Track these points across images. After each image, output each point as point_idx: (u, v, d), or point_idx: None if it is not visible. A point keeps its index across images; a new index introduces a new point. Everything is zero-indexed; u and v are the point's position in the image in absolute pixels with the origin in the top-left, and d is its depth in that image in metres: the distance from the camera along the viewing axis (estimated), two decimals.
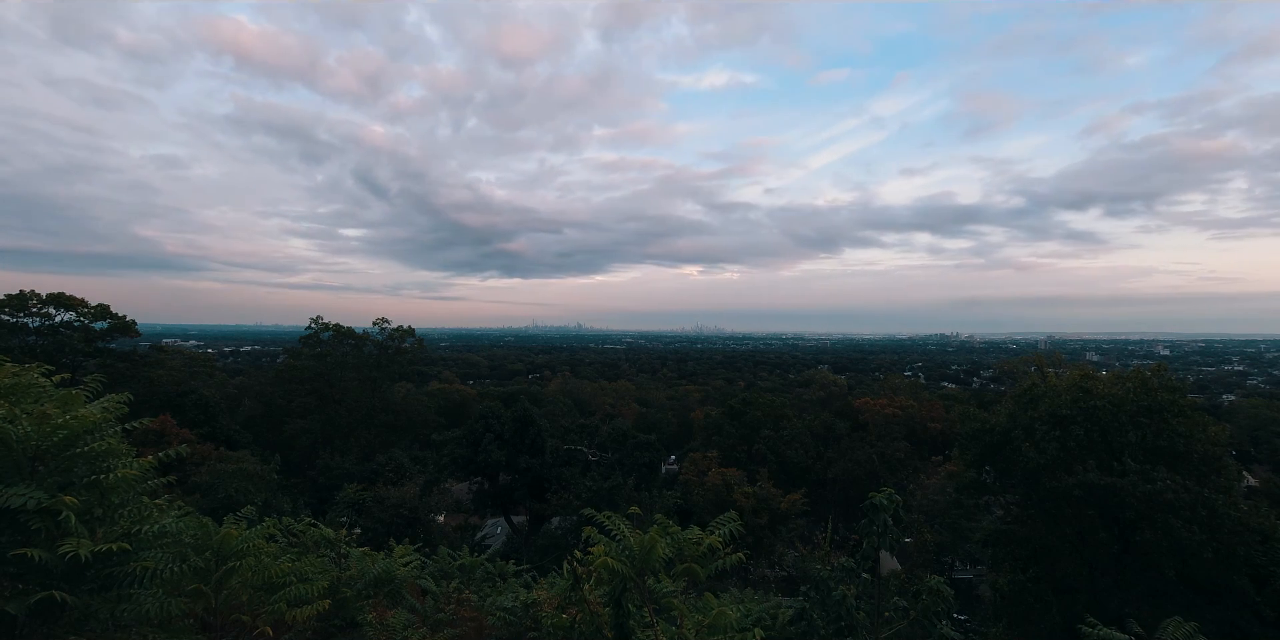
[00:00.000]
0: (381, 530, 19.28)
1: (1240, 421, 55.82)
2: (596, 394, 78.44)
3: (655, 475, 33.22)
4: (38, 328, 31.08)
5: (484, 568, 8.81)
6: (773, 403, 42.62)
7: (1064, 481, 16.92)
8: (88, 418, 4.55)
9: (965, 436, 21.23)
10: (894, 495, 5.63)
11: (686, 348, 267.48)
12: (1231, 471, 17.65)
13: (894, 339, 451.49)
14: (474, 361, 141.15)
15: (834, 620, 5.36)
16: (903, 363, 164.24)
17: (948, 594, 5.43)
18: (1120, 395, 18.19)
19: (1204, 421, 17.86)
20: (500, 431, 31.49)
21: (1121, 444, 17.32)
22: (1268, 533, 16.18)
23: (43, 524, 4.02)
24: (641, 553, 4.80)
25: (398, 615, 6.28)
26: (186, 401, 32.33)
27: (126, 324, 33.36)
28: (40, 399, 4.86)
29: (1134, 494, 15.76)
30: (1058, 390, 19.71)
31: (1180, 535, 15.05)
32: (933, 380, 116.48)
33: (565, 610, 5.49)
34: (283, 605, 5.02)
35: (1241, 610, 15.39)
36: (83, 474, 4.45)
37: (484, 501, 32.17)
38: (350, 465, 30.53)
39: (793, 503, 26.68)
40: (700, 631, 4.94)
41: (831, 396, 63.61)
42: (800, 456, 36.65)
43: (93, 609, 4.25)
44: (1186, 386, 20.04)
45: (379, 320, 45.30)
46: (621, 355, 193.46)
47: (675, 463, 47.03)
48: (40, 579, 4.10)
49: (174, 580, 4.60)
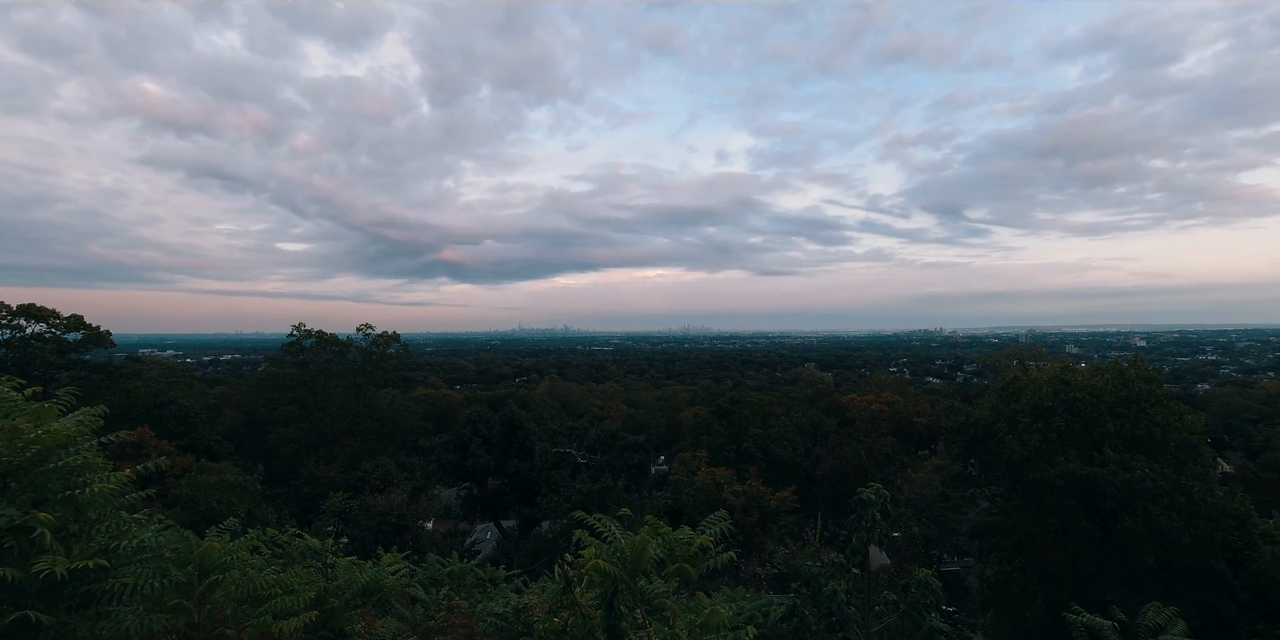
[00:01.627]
0: (369, 539, 19.05)
1: (1214, 409, 57.26)
2: (584, 396, 78.21)
3: (645, 476, 33.24)
4: (7, 340, 30.23)
5: (474, 573, 8.73)
6: (760, 401, 42.81)
7: (1046, 472, 17.22)
8: (61, 432, 4.45)
9: (950, 430, 21.54)
10: (882, 490, 5.69)
11: (674, 348, 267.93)
12: (1207, 459, 18.09)
13: (879, 336, 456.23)
14: (460, 366, 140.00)
15: (825, 616, 5.40)
16: (888, 359, 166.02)
17: (936, 586, 5.50)
18: (1099, 386, 18.57)
19: (1180, 410, 18.29)
20: (488, 436, 31.27)
21: (1101, 434, 17.68)
22: (1243, 518, 16.61)
23: (16, 542, 3.91)
24: (633, 554, 4.79)
25: (387, 624, 6.20)
26: (165, 412, 31.65)
27: (100, 335, 32.57)
28: (11, 413, 4.73)
29: (1114, 483, 16.09)
30: (1039, 383, 20.07)
31: (1159, 522, 15.39)
32: (918, 375, 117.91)
33: (557, 614, 5.47)
34: (268, 618, 4.93)
35: (1219, 593, 15.78)
36: (57, 489, 4.35)
37: (473, 507, 31.93)
38: (336, 473, 30.11)
39: (782, 500, 26.84)
40: (693, 631, 4.94)
41: (819, 394, 64.08)
42: (789, 454, 36.85)
43: (70, 628, 4.14)
44: (1162, 377, 20.53)
45: (363, 326, 44.79)
46: (609, 357, 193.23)
47: (665, 463, 47.06)
48: (14, 598, 4.00)
49: (155, 596, 4.50)
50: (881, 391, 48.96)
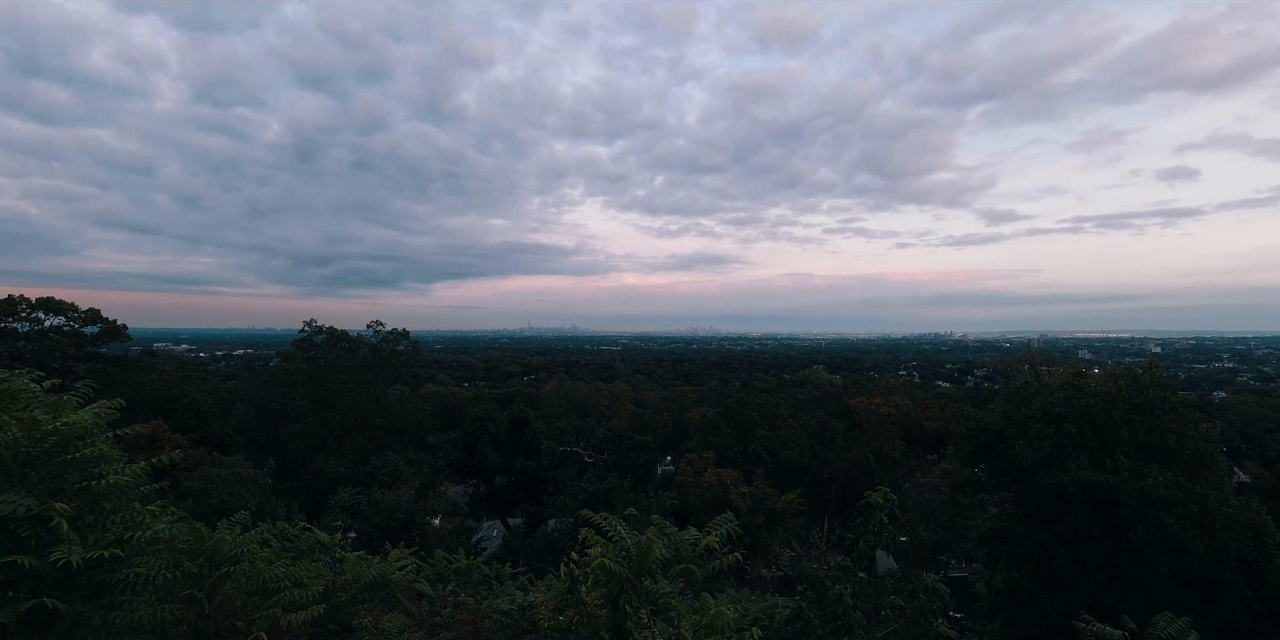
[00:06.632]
0: (377, 534, 19.18)
1: (1231, 418, 56.31)
2: (592, 395, 78.30)
3: (651, 476, 33.22)
4: (27, 333, 30.76)
5: (480, 570, 8.77)
6: (768, 403, 42.64)
7: (1057, 479, 17.01)
8: (78, 423, 4.52)
9: (960, 435, 21.35)
10: (889, 494, 5.66)
11: (682, 349, 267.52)
12: (1223, 467, 17.78)
13: (888, 338, 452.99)
14: (469, 364, 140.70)
15: (831, 619, 5.37)
16: (897, 362, 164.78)
17: (943, 592, 5.45)
18: (1112, 393, 18.31)
19: (1195, 418, 17.99)
20: (496, 434, 31.40)
21: (1114, 441, 17.44)
22: (1259, 528, 16.30)
23: (33, 531, 3.99)
24: (638, 554, 4.79)
25: (394, 619, 6.25)
26: (179, 406, 32.07)
27: (117, 328, 33.08)
28: (30, 405, 4.82)
29: (1127, 491, 15.87)
30: (1051, 388, 19.83)
31: (1173, 531, 15.15)
32: (927, 379, 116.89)
33: (562, 612, 5.49)
34: (277, 610, 4.99)
35: (1234, 605, 15.51)
36: (74, 480, 4.42)
37: (480, 504, 32.06)
38: (345, 469, 30.37)
39: (789, 503, 26.71)
40: (698, 632, 4.94)
41: (827, 396, 63.68)
42: (796, 456, 36.68)
43: (85, 616, 4.21)
44: (1178, 383, 20.22)
45: (373, 323, 45.18)
46: (617, 356, 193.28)
47: (671, 464, 46.98)
48: (31, 586, 4.07)
49: (167, 586, 4.57)
50: (890, 395, 48.57)
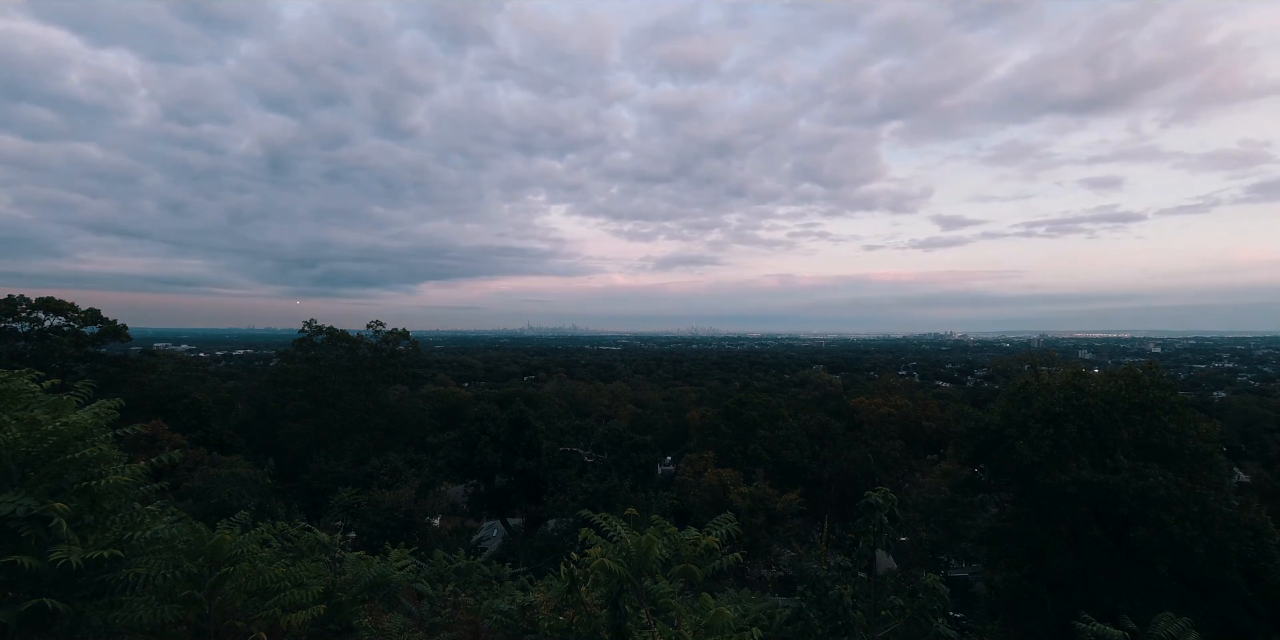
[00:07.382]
0: (376, 534, 19.18)
1: (1231, 418, 56.29)
2: (592, 395, 78.32)
3: (651, 476, 33.21)
4: (26, 333, 30.75)
5: (480, 570, 8.77)
6: (768, 403, 42.67)
7: (1057, 479, 17.02)
8: (78, 423, 4.52)
9: (960, 435, 21.35)
10: (889, 494, 5.65)
11: (682, 349, 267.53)
12: (1223, 468, 17.79)
13: (888, 338, 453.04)
14: (469, 364, 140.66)
15: (831, 619, 5.37)
16: (897, 362, 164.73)
17: (943, 592, 5.45)
18: (1112, 393, 18.32)
19: (1195, 418, 18.00)
20: (495, 434, 31.37)
21: (1114, 441, 17.44)
22: (1259, 528, 16.30)
23: (33, 531, 3.98)
24: (638, 554, 4.79)
25: (394, 619, 6.25)
26: (179, 406, 32.06)
27: (117, 328, 33.07)
28: (29, 404, 4.81)
29: (1127, 491, 15.87)
30: (1050, 388, 19.83)
31: (1173, 531, 15.15)
32: (927, 379, 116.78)
33: (562, 612, 5.48)
34: (277, 610, 4.99)
35: (1234, 605, 15.51)
36: (73, 480, 4.42)
37: (480, 504, 32.03)
38: (345, 469, 30.35)
39: (789, 503, 26.73)
40: (698, 632, 4.94)
41: (827, 396, 63.72)
42: (796, 456, 36.68)
43: (84, 616, 4.21)
44: (1177, 384, 20.24)
45: (373, 323, 45.17)
46: (617, 356, 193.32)
47: (671, 464, 47.00)
48: (31, 586, 4.07)
49: (167, 586, 4.57)
50: (890, 395, 48.58)
